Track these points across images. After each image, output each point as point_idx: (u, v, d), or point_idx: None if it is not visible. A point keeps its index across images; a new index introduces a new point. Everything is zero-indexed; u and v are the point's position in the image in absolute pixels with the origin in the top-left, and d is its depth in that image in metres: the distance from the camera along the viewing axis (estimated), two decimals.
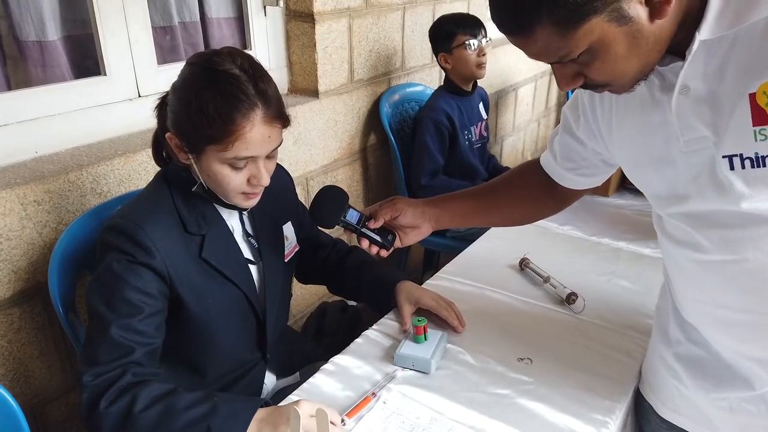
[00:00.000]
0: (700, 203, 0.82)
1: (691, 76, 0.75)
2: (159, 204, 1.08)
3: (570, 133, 1.07)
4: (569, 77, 0.77)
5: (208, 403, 0.96)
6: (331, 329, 1.58)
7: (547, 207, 1.24)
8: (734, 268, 0.82)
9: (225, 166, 1.02)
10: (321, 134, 2.08)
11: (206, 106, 0.97)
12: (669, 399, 1.04)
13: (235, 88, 0.98)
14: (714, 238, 0.82)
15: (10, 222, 1.27)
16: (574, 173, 1.13)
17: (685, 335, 0.98)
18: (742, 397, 0.91)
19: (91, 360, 0.99)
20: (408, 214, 1.17)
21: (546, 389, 1.10)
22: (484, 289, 1.42)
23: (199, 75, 1.00)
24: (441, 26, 2.28)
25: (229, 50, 1.03)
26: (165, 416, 0.95)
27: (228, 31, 1.92)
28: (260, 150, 1.02)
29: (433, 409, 1.04)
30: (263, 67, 1.05)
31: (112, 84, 1.56)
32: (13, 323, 1.33)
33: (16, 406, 0.96)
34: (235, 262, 1.15)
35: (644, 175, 0.91)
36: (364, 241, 1.16)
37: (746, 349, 0.88)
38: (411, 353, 1.14)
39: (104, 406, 0.95)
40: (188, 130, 1.02)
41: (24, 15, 1.41)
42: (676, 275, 0.95)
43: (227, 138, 0.98)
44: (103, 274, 1.02)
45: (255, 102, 0.98)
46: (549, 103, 4.07)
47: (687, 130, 0.79)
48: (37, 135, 1.42)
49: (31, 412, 1.41)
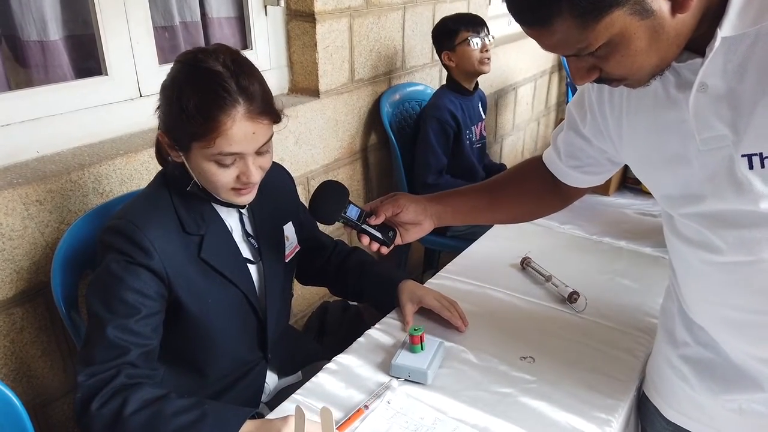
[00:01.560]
0: (716, 203, 0.80)
1: (710, 73, 0.73)
2: (157, 204, 1.08)
3: (575, 130, 1.06)
4: (584, 71, 0.75)
5: (197, 410, 0.96)
6: (332, 328, 1.58)
7: (549, 204, 1.23)
8: (749, 270, 0.80)
9: (211, 163, 1.01)
10: (322, 134, 2.08)
11: (187, 103, 0.97)
12: (675, 401, 1.02)
13: (216, 84, 0.97)
14: (729, 239, 0.81)
15: (12, 222, 1.27)
16: (578, 171, 1.12)
17: (692, 337, 0.96)
18: (752, 398, 0.89)
19: (87, 359, 0.99)
20: (410, 210, 1.15)
21: (548, 388, 1.10)
22: (486, 288, 1.42)
23: (182, 73, 1.01)
24: (444, 25, 2.28)
25: (216, 47, 1.02)
26: (154, 420, 0.95)
27: (229, 30, 1.92)
28: (245, 146, 1.00)
29: (436, 409, 1.04)
30: (250, 63, 1.04)
31: (114, 84, 1.56)
32: (15, 323, 1.33)
33: (21, 405, 0.96)
34: (234, 262, 1.14)
35: (656, 174, 0.90)
36: (364, 238, 1.14)
37: (758, 351, 0.87)
38: (407, 364, 1.11)
39: (96, 407, 0.95)
40: (174, 128, 1.02)
41: (25, 15, 1.41)
42: (686, 276, 0.94)
43: (209, 135, 0.98)
44: (102, 275, 1.02)
45: (236, 98, 0.97)
46: (549, 102, 4.08)
47: (704, 129, 0.77)
48: (39, 135, 1.42)
49: (33, 411, 1.41)
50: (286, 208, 1.28)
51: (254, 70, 1.03)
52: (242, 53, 1.05)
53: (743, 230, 0.79)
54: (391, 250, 1.18)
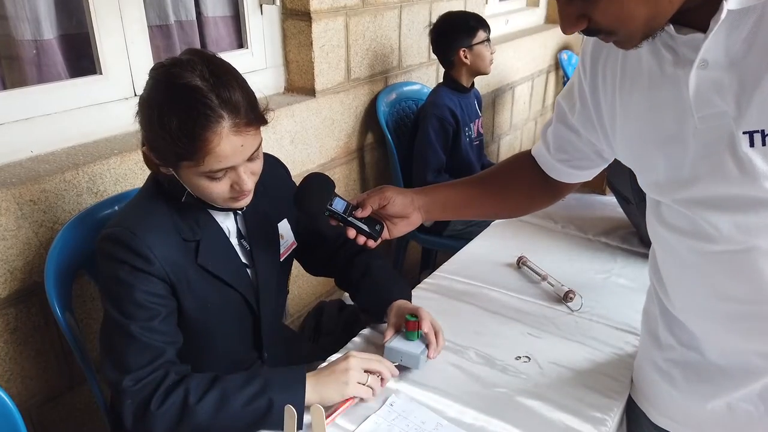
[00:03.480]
0: (710, 186, 0.77)
1: (712, 48, 0.71)
2: (153, 210, 1.06)
3: (564, 122, 1.05)
4: (573, 18, 0.71)
5: (257, 380, 1.00)
6: (328, 328, 1.58)
7: (538, 200, 1.22)
8: (744, 258, 0.78)
9: (203, 179, 1.00)
10: (318, 133, 2.07)
11: (169, 123, 0.93)
12: (662, 405, 1.01)
13: (197, 102, 0.93)
14: (723, 226, 0.78)
15: (5, 222, 1.26)
16: (566, 165, 1.10)
17: (675, 339, 0.95)
18: (739, 396, 0.89)
19: (123, 367, 0.98)
20: (396, 202, 1.13)
21: (544, 387, 1.10)
22: (482, 287, 1.42)
23: (159, 90, 0.96)
24: (464, 21, 2.27)
25: (189, 57, 0.97)
26: (222, 400, 0.98)
27: (224, 29, 1.91)
28: (235, 160, 0.98)
29: (432, 408, 1.04)
30: (228, 67, 0.99)
31: (108, 83, 1.55)
32: (9, 323, 1.33)
33: (13, 406, 0.95)
34: (231, 265, 1.14)
35: (649, 157, 0.86)
36: (350, 231, 1.12)
37: (749, 344, 0.85)
38: (401, 348, 1.12)
39: (156, 407, 0.96)
40: (158, 148, 0.99)
41: (19, 14, 1.41)
42: (673, 269, 0.92)
43: (196, 155, 0.95)
44: (111, 284, 1.02)
45: (220, 114, 0.94)
46: (546, 102, 4.08)
47: (703, 106, 0.74)
48: (33, 134, 1.41)
49: (27, 412, 1.41)
50: (282, 204, 1.26)
51: (233, 76, 0.99)
52: (217, 55, 1.01)
53: (738, 215, 0.76)
54: (378, 244, 1.16)
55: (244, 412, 0.98)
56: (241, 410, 0.97)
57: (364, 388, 1.04)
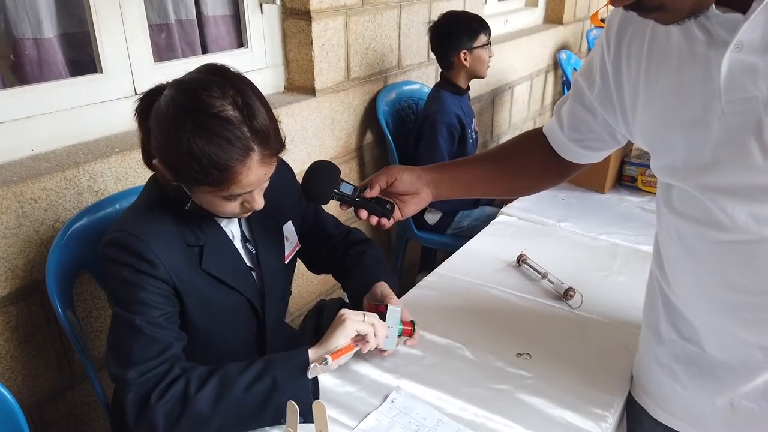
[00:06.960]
0: (730, 173, 0.76)
1: (750, 30, 0.69)
2: (157, 215, 1.06)
3: (580, 101, 1.03)
4: None
5: (259, 363, 1.00)
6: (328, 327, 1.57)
7: (548, 179, 1.20)
8: (757, 248, 0.77)
9: (217, 198, 1.00)
10: (317, 132, 2.08)
11: (200, 153, 0.91)
12: (664, 400, 1.00)
13: (230, 134, 0.92)
14: (738, 215, 0.77)
15: (6, 220, 1.26)
16: (578, 145, 1.08)
17: (677, 333, 0.94)
18: (742, 393, 0.88)
19: (128, 360, 0.98)
20: (404, 179, 1.11)
21: (545, 384, 1.10)
22: (482, 285, 1.42)
23: (187, 117, 0.92)
24: (467, 24, 2.25)
25: (218, 80, 0.94)
26: (223, 386, 0.97)
27: (224, 28, 1.92)
28: (256, 185, 1.00)
29: (433, 405, 1.04)
30: (253, 89, 0.98)
31: (109, 82, 1.55)
32: (10, 321, 1.33)
33: (15, 404, 0.96)
34: (236, 269, 1.14)
35: (668, 139, 0.83)
36: (362, 212, 1.11)
37: (756, 337, 0.84)
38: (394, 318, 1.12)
39: (156, 399, 0.96)
40: (179, 170, 0.97)
41: (20, 12, 1.41)
42: (680, 259, 0.90)
43: (223, 184, 0.95)
44: (117, 285, 1.02)
45: (251, 146, 0.94)
46: (545, 101, 4.08)
47: (733, 90, 0.73)
48: (34, 133, 1.41)
49: (28, 410, 1.41)
50: (286, 206, 1.26)
51: (258, 98, 0.97)
52: (243, 75, 0.99)
53: (755, 205, 0.75)
54: (392, 224, 1.14)
55: (248, 395, 0.97)
56: (245, 394, 0.97)
57: (363, 324, 1.07)
